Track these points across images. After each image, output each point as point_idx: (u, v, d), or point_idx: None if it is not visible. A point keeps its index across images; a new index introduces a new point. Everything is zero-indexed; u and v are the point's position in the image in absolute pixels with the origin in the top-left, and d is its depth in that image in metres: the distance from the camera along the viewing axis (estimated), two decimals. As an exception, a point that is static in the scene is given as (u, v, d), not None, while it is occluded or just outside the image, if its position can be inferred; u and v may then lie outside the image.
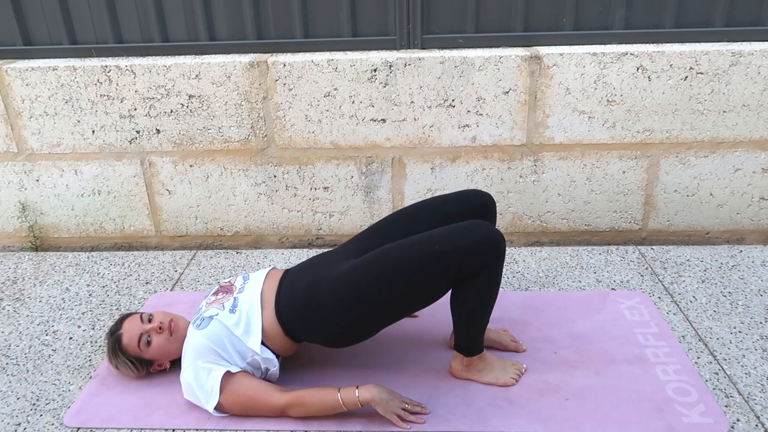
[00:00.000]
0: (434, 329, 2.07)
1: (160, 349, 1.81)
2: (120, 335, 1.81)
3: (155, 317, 1.82)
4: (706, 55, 2.35)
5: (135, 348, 1.80)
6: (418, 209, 1.86)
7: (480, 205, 1.83)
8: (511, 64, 2.39)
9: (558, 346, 1.98)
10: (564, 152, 2.53)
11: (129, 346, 1.80)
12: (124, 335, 1.80)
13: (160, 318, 1.82)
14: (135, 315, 1.85)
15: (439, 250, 1.59)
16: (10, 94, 2.55)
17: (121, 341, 1.80)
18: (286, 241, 2.77)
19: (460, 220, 1.78)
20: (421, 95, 2.46)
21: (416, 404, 1.72)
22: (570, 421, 1.68)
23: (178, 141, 2.59)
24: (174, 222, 2.75)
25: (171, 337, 1.81)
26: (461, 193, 1.87)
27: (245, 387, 1.69)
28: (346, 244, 1.90)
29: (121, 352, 1.81)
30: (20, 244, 2.83)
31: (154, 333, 1.79)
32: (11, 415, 1.80)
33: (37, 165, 2.67)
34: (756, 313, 2.11)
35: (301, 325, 1.72)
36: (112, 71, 2.49)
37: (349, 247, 1.87)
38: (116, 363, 1.84)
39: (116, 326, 1.84)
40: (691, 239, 2.65)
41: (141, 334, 1.79)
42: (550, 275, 2.41)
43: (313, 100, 2.49)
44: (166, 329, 1.80)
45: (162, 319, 1.82)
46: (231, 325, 1.71)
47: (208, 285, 2.45)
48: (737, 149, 2.49)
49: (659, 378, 1.81)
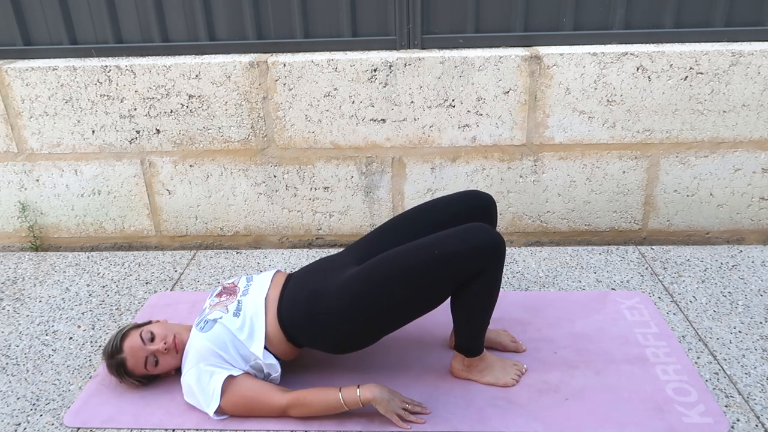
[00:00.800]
0: (434, 329, 2.07)
1: (168, 366, 1.80)
2: (123, 359, 1.76)
3: (156, 334, 1.77)
4: (706, 55, 2.35)
5: (142, 370, 1.77)
6: (420, 212, 1.86)
7: (481, 206, 1.83)
8: (511, 64, 2.39)
9: (558, 346, 1.98)
10: (564, 152, 2.53)
11: (136, 369, 1.77)
12: (128, 360, 1.75)
13: (161, 334, 1.77)
14: (133, 333, 1.78)
15: (439, 254, 1.58)
16: (10, 94, 2.55)
17: (126, 366, 1.76)
18: (286, 241, 2.77)
19: (462, 222, 1.78)
20: (421, 95, 2.46)
21: (417, 404, 1.72)
22: (570, 421, 1.68)
23: (178, 141, 2.59)
24: (174, 222, 2.75)
25: (177, 355, 1.78)
26: (462, 194, 1.86)
27: (246, 388, 1.69)
28: (349, 248, 1.90)
29: (128, 375, 1.78)
30: (20, 244, 2.83)
31: (160, 354, 1.76)
32: (11, 415, 1.80)
33: (37, 165, 2.67)
34: (756, 313, 2.11)
35: (304, 332, 1.72)
36: (112, 71, 2.49)
37: (351, 252, 1.87)
38: (123, 382, 1.82)
39: (115, 348, 1.76)
40: (691, 239, 2.65)
41: (146, 356, 1.75)
42: (550, 275, 2.41)
43: (313, 100, 2.49)
44: (171, 348, 1.76)
45: (163, 335, 1.77)
46: (235, 330, 1.71)
47: (209, 285, 2.45)
48: (737, 149, 2.49)
49: (659, 378, 1.81)
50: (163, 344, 1.75)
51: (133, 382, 1.81)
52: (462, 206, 1.83)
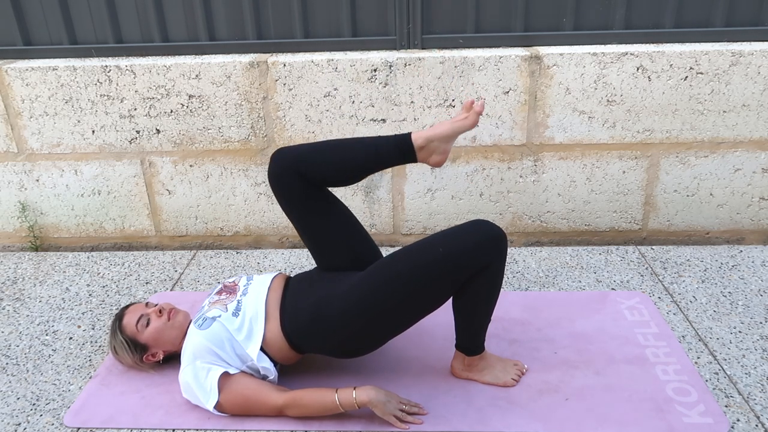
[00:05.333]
0: (434, 329, 2.07)
1: (156, 333, 1.83)
2: (122, 315, 1.87)
3: (157, 304, 1.89)
4: (706, 55, 2.35)
5: (133, 328, 1.83)
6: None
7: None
8: (511, 64, 2.39)
9: (558, 346, 1.98)
10: (564, 152, 2.53)
11: (128, 326, 1.84)
12: (126, 315, 1.86)
13: (161, 305, 1.88)
14: (142, 303, 1.92)
15: (443, 252, 1.59)
16: (10, 94, 2.55)
17: (122, 320, 1.86)
18: (286, 241, 2.77)
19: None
20: (421, 95, 2.46)
21: (414, 405, 1.72)
22: (570, 421, 1.68)
23: (178, 141, 2.59)
24: (174, 222, 2.75)
25: (168, 323, 1.83)
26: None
27: (243, 386, 1.69)
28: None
29: (120, 330, 1.84)
30: (20, 244, 2.83)
31: (154, 315, 1.84)
32: (11, 415, 1.80)
33: (37, 165, 2.67)
34: (756, 313, 2.11)
35: (309, 338, 1.72)
36: (112, 71, 2.49)
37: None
38: (114, 344, 1.86)
39: (122, 310, 1.90)
40: (691, 239, 2.65)
41: (141, 315, 1.84)
42: (550, 275, 2.41)
43: (313, 100, 2.49)
44: (166, 314, 1.84)
45: (165, 306, 1.88)
46: (233, 330, 1.71)
47: (209, 285, 2.45)
48: (737, 149, 2.49)
49: (659, 378, 1.81)
50: (158, 309, 1.84)
51: (122, 341, 1.84)
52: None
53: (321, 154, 1.72)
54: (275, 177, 1.74)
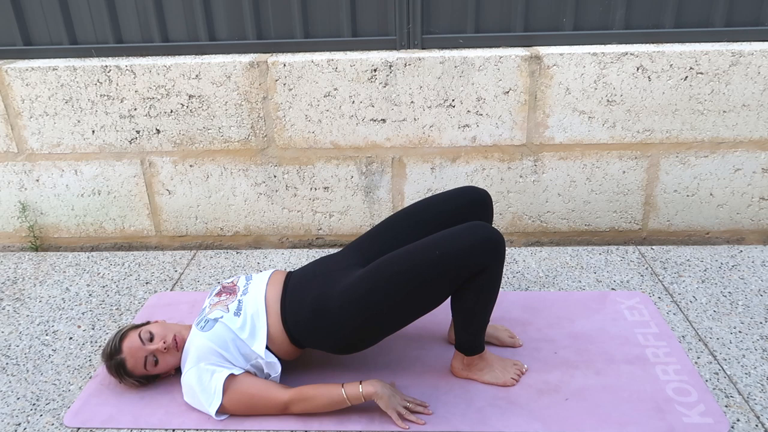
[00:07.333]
0: (434, 328, 2.07)
1: (168, 365, 1.80)
2: (123, 360, 1.75)
3: (155, 333, 1.77)
4: (706, 55, 2.35)
5: (141, 370, 1.77)
6: (417, 209, 1.88)
7: (478, 201, 1.85)
8: (511, 64, 2.39)
9: (558, 346, 1.98)
10: (564, 152, 2.53)
11: (135, 369, 1.77)
12: (128, 360, 1.75)
13: (160, 333, 1.77)
14: (132, 334, 1.77)
15: (440, 254, 1.60)
16: (10, 94, 2.55)
17: (126, 366, 1.76)
18: (286, 241, 2.77)
19: (460, 217, 1.81)
20: (421, 95, 2.46)
21: (419, 403, 1.72)
22: (570, 421, 1.68)
23: (178, 141, 2.59)
24: (174, 222, 2.75)
25: (177, 352, 1.78)
26: (459, 191, 1.88)
27: (248, 386, 1.69)
28: (349, 247, 1.90)
29: (128, 375, 1.78)
30: (20, 244, 2.83)
31: (160, 353, 1.76)
32: (11, 415, 1.80)
33: (37, 165, 2.67)
34: (756, 313, 2.11)
35: (309, 333, 1.73)
36: (112, 71, 2.49)
37: (352, 251, 1.87)
38: (122, 383, 1.82)
39: (115, 349, 1.76)
40: (691, 239, 2.65)
41: (146, 356, 1.75)
42: (550, 275, 2.41)
43: (313, 100, 2.49)
44: (172, 347, 1.76)
45: (163, 334, 1.77)
46: (236, 329, 1.71)
47: (208, 285, 2.45)
48: (737, 149, 2.49)
49: (659, 378, 1.81)
50: (163, 343, 1.74)
51: (133, 382, 1.81)
52: (459, 202, 1.85)
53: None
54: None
